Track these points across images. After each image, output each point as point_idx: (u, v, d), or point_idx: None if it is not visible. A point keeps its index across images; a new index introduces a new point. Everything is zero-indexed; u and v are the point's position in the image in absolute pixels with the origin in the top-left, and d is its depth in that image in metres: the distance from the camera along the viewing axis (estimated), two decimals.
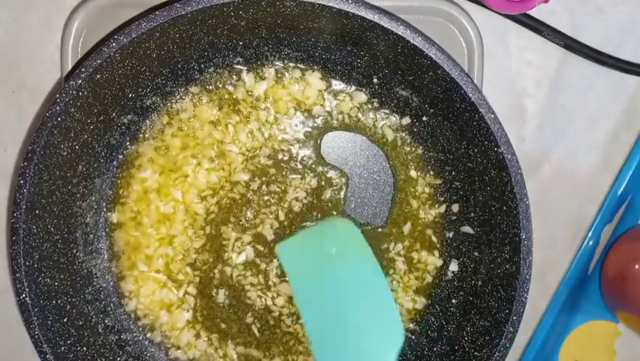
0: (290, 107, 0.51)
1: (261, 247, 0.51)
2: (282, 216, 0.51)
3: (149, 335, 0.52)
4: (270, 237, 0.51)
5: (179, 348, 0.52)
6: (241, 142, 0.50)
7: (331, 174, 0.51)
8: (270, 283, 0.51)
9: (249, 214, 0.51)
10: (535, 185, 0.52)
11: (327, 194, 0.51)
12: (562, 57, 0.52)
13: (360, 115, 0.51)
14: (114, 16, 0.47)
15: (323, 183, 0.51)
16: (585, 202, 0.53)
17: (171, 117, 0.50)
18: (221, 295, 0.52)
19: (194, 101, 0.50)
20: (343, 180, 0.51)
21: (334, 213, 0.51)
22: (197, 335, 0.52)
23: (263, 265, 0.51)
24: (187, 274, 0.51)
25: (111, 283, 0.51)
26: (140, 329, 0.52)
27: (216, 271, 0.51)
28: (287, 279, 0.52)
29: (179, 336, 0.52)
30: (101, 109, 0.46)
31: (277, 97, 0.50)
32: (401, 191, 0.51)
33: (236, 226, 0.51)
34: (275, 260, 0.51)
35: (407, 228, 0.51)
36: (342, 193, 0.51)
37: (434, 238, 0.51)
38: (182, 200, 0.51)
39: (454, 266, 0.51)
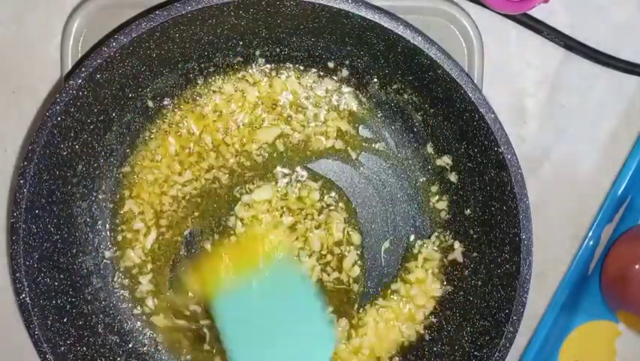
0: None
1: None
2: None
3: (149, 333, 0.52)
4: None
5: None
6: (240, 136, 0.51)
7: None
8: None
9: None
10: (535, 185, 0.52)
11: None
12: (562, 57, 0.52)
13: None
14: (114, 16, 0.47)
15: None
16: (585, 202, 0.53)
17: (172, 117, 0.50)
18: None
19: (193, 101, 0.50)
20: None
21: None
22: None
23: None
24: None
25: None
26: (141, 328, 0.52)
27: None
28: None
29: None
30: (101, 109, 0.46)
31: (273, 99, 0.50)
32: None
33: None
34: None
35: None
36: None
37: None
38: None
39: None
